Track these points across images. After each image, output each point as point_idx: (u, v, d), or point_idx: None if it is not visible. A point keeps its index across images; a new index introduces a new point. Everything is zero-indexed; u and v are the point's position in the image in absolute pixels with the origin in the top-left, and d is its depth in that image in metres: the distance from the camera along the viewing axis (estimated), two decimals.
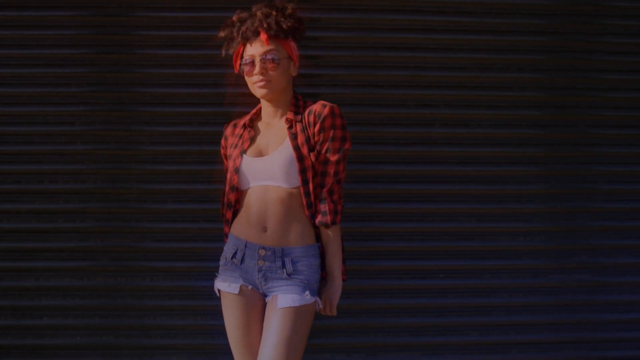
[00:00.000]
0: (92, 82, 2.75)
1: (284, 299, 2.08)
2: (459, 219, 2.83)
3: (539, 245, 2.87)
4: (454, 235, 2.83)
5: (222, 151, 2.35)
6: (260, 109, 2.30)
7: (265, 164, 2.14)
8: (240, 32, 2.15)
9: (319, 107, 2.14)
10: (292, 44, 2.20)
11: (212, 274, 2.73)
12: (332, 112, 2.14)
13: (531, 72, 2.86)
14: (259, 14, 2.14)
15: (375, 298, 2.81)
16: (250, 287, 2.16)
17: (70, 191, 2.75)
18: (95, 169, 2.76)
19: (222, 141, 2.33)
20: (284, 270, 2.13)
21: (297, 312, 2.08)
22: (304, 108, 2.19)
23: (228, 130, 2.31)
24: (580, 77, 2.87)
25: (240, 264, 2.17)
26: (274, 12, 2.14)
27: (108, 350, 2.77)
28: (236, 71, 2.25)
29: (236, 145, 2.22)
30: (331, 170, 2.16)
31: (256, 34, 2.13)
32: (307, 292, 2.11)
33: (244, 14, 2.17)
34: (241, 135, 2.24)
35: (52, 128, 2.73)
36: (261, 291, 2.18)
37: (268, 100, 2.20)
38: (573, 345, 2.88)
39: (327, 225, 2.15)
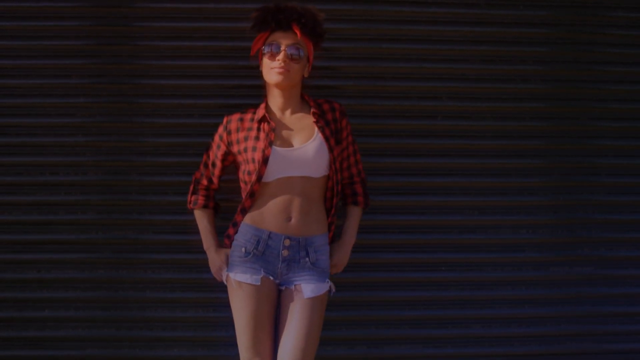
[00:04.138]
0: (93, 73, 2.74)
1: (309, 289, 2.20)
2: (461, 211, 2.83)
3: (541, 238, 2.87)
4: (457, 227, 2.83)
5: (222, 146, 2.37)
6: (265, 104, 2.35)
7: (299, 154, 2.22)
8: (276, 19, 2.24)
9: (337, 105, 2.37)
10: (312, 49, 2.33)
11: None
12: None
13: (534, 64, 2.85)
14: (299, 8, 2.25)
15: (377, 291, 2.81)
16: (270, 277, 2.23)
17: (71, 183, 2.75)
18: (96, 161, 2.75)
19: (224, 135, 2.35)
20: (308, 259, 2.23)
21: (320, 300, 2.25)
22: (318, 104, 2.34)
23: (233, 125, 2.34)
24: (583, 69, 2.86)
25: (262, 255, 2.21)
26: (309, 14, 2.26)
27: (110, 342, 2.77)
28: (252, 54, 2.34)
29: (257, 138, 2.26)
30: (359, 157, 2.45)
31: (290, 25, 2.24)
32: (327, 280, 2.27)
33: (282, 4, 2.26)
34: (258, 127, 2.27)
35: (53, 120, 2.73)
36: (278, 281, 2.25)
37: (281, 90, 2.29)
38: (575, 338, 2.88)
39: (361, 206, 2.44)
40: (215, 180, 2.43)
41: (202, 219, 2.45)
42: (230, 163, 2.41)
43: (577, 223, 2.88)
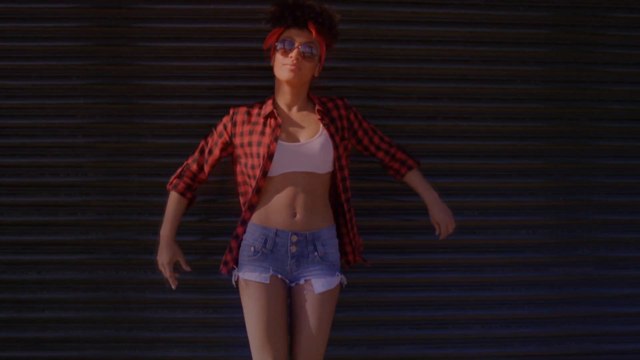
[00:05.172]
0: (92, 74, 2.74)
1: (320, 283, 2.22)
2: (461, 212, 2.83)
3: (541, 239, 2.87)
4: (456, 228, 2.82)
5: (225, 135, 2.35)
6: (273, 100, 2.34)
7: (305, 149, 2.23)
8: (293, 16, 2.23)
9: (340, 101, 2.39)
10: (324, 49, 2.33)
11: (213, 267, 2.74)
12: None
13: (534, 64, 2.84)
14: (317, 7, 2.24)
15: (377, 291, 2.81)
16: (279, 276, 2.23)
17: (71, 184, 2.75)
18: (96, 161, 2.75)
19: (229, 125, 2.34)
20: (316, 253, 2.24)
21: (332, 294, 2.26)
22: (322, 103, 2.35)
23: (239, 117, 2.34)
24: (583, 69, 2.86)
25: (270, 253, 2.22)
26: (326, 14, 2.26)
27: (109, 343, 2.77)
28: (265, 47, 2.33)
29: (263, 132, 2.26)
30: (380, 132, 2.48)
31: (306, 23, 2.23)
32: (337, 273, 2.28)
33: (301, 1, 2.26)
34: (265, 122, 2.27)
35: (53, 121, 2.73)
36: (288, 279, 2.26)
37: (290, 87, 2.29)
38: (575, 338, 2.88)
39: (416, 166, 2.48)
40: (206, 168, 2.42)
41: (173, 204, 2.44)
42: (228, 155, 2.41)
43: (577, 223, 2.88)
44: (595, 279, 2.89)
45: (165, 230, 2.41)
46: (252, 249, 2.25)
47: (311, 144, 2.23)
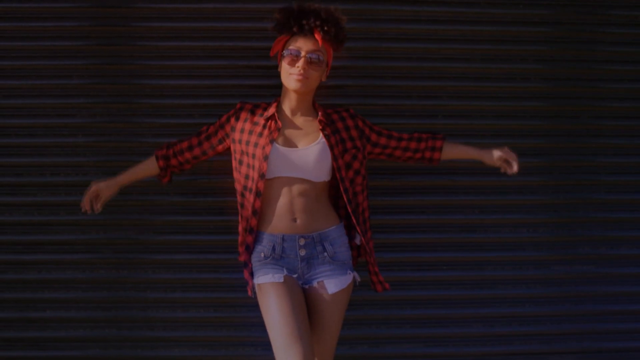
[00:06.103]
0: (92, 74, 2.73)
1: (332, 284, 2.22)
2: (461, 210, 2.83)
3: (541, 237, 2.87)
4: (457, 227, 2.83)
5: (226, 127, 2.34)
6: (278, 103, 2.33)
7: (301, 155, 2.21)
8: (299, 24, 2.20)
9: (345, 113, 2.36)
10: (331, 54, 2.31)
11: (214, 267, 2.75)
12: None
13: (534, 63, 2.84)
14: (323, 14, 2.20)
15: None
16: (293, 276, 2.22)
17: (71, 184, 2.74)
18: (96, 161, 2.75)
19: (232, 119, 2.33)
20: (326, 254, 2.23)
21: (345, 293, 2.25)
22: (327, 114, 2.31)
23: (243, 114, 2.32)
24: (583, 68, 2.86)
25: (280, 258, 2.22)
26: (332, 19, 2.21)
27: (110, 342, 2.77)
28: (271, 54, 2.31)
29: (261, 134, 2.24)
30: (392, 130, 2.44)
31: (312, 31, 2.20)
32: (349, 271, 2.27)
33: (306, 7, 2.22)
34: (265, 124, 2.26)
35: (53, 120, 2.73)
36: (301, 282, 2.25)
37: (299, 95, 2.26)
38: (575, 336, 2.88)
39: (446, 138, 2.48)
40: (196, 150, 2.40)
41: (144, 162, 2.47)
42: (225, 150, 2.39)
43: (577, 222, 2.89)
44: (595, 276, 2.89)
45: (120, 175, 2.45)
46: (262, 255, 2.24)
47: (307, 152, 2.22)
